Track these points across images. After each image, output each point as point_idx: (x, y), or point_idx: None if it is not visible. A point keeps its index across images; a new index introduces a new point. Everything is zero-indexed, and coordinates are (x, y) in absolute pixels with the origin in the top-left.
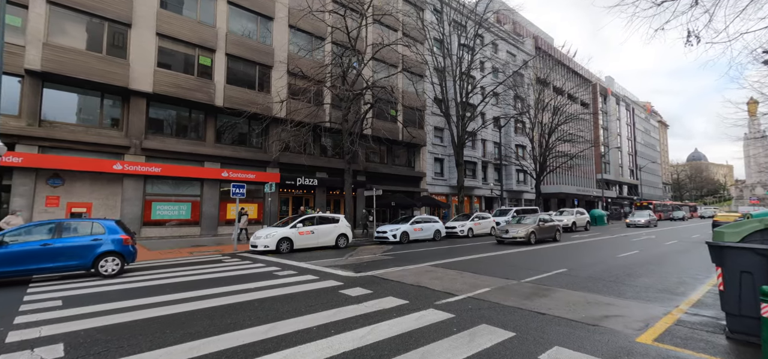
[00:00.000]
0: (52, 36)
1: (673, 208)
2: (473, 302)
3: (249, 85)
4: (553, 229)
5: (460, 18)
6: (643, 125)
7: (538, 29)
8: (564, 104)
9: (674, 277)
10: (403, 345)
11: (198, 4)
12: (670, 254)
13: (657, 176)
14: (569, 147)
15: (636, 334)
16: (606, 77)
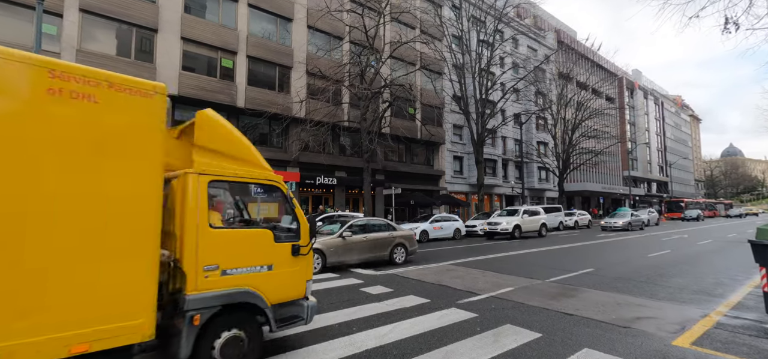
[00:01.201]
0: (85, 43)
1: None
2: (496, 301)
3: (269, 86)
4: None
5: (479, 14)
6: (673, 120)
7: (560, 22)
8: (588, 99)
9: (710, 278)
10: (426, 344)
11: (220, 7)
12: (704, 254)
13: (689, 173)
14: (594, 143)
15: (671, 337)
16: (633, 70)
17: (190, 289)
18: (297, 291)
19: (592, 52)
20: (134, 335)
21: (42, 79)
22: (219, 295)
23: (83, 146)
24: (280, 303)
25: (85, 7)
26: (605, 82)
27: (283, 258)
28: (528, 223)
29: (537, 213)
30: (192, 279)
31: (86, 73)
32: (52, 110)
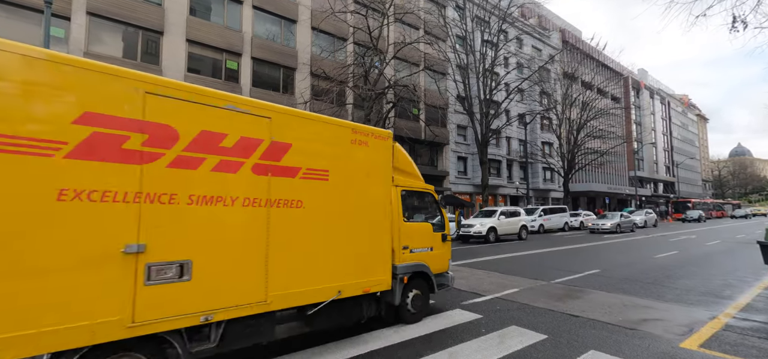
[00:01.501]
0: (92, 45)
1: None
2: (502, 302)
3: (273, 88)
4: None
5: (483, 14)
6: (679, 119)
7: (565, 22)
8: (593, 99)
9: (718, 279)
10: (431, 345)
11: (225, 9)
12: (713, 255)
13: (696, 173)
14: (599, 144)
15: (679, 339)
16: (638, 70)
17: (398, 261)
18: (445, 266)
19: (597, 51)
20: (383, 285)
21: (349, 135)
22: (410, 265)
23: (364, 170)
24: (437, 273)
25: (92, 10)
26: (611, 82)
27: (438, 243)
28: (505, 225)
29: (516, 214)
30: (398, 254)
31: (365, 130)
32: (353, 152)
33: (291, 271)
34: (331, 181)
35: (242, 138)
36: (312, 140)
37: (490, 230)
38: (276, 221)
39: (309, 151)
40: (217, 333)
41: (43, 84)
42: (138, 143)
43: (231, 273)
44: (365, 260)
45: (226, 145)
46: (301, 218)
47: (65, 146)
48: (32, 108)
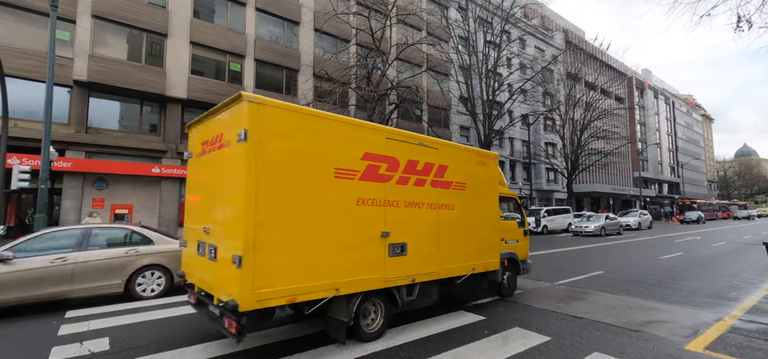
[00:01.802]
0: (97, 48)
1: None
2: (505, 304)
3: (277, 89)
4: None
5: (486, 15)
6: (684, 120)
7: (568, 22)
8: (597, 100)
9: (724, 281)
10: (434, 347)
11: (228, 12)
12: (718, 256)
13: (701, 174)
14: (603, 144)
15: (684, 341)
16: (643, 70)
17: (503, 252)
18: (526, 254)
19: (600, 52)
20: (496, 266)
21: (476, 158)
22: (506, 253)
23: (484, 182)
24: (521, 260)
25: (97, 13)
26: (614, 82)
27: (521, 236)
28: None
29: None
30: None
31: (485, 153)
32: (478, 169)
33: (448, 253)
34: (467, 190)
35: (426, 163)
36: (458, 162)
37: None
38: (440, 218)
39: (456, 170)
40: (415, 292)
41: (352, 138)
42: (384, 169)
43: (423, 252)
44: (486, 248)
45: (419, 168)
46: (452, 217)
47: (358, 173)
48: (348, 153)
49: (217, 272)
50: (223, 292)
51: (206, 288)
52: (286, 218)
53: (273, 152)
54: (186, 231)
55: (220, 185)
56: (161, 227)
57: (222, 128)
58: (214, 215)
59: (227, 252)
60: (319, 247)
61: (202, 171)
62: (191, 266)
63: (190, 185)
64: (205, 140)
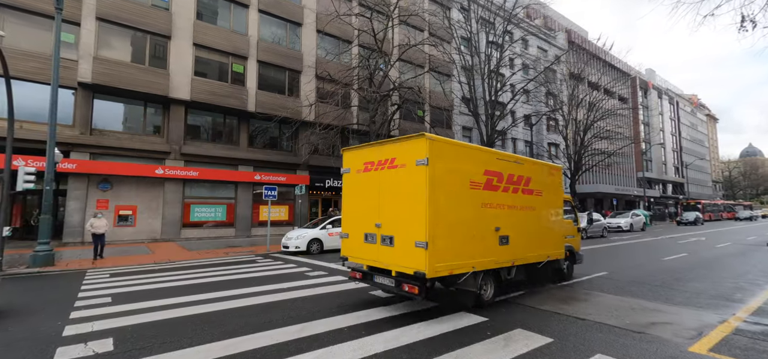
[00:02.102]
0: (101, 50)
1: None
2: (507, 305)
3: (279, 91)
4: None
5: (488, 15)
6: (688, 120)
7: (571, 22)
8: (600, 100)
9: (729, 282)
10: (436, 349)
11: (231, 13)
12: (723, 257)
13: (706, 174)
14: (607, 144)
15: (688, 343)
16: (646, 70)
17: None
18: (579, 247)
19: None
20: (562, 255)
21: (548, 170)
22: (567, 246)
23: (553, 189)
24: (576, 252)
25: (101, 15)
26: (618, 82)
27: (575, 232)
28: None
29: None
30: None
31: (553, 166)
32: (549, 179)
33: (533, 244)
34: (543, 196)
35: (519, 176)
36: (537, 174)
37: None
38: (528, 217)
39: (536, 180)
40: (512, 272)
41: (478, 159)
42: (495, 181)
43: (519, 242)
44: (556, 241)
45: (514, 179)
46: (535, 216)
47: (482, 184)
48: (472, 170)
49: (397, 254)
50: (407, 267)
51: (380, 265)
52: (446, 216)
53: (439, 171)
54: (347, 226)
55: (396, 192)
56: (165, 227)
57: (394, 153)
58: (388, 214)
59: (409, 240)
60: (462, 237)
61: (367, 183)
62: (358, 250)
63: (353, 192)
64: (369, 161)
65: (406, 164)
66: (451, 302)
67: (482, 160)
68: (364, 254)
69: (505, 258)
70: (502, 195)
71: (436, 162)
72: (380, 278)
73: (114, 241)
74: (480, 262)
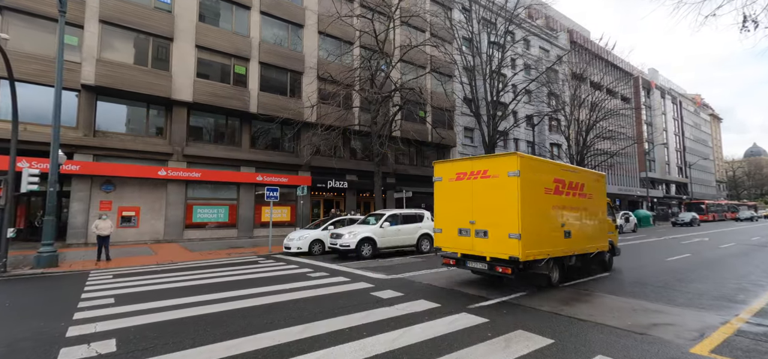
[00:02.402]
0: (105, 52)
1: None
2: (508, 306)
3: (281, 92)
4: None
5: (490, 16)
6: (692, 119)
7: (573, 22)
8: (602, 100)
9: (732, 283)
10: (436, 350)
11: (233, 15)
12: (727, 258)
13: (710, 174)
14: (609, 145)
15: (689, 344)
16: (649, 69)
17: (608, 239)
18: (616, 242)
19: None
20: (606, 248)
21: (595, 177)
22: (609, 240)
23: (599, 192)
24: (614, 246)
25: (104, 18)
26: (620, 82)
27: (614, 229)
28: (391, 236)
29: (415, 219)
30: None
31: (598, 174)
32: (595, 184)
33: (587, 238)
34: (592, 199)
35: (576, 182)
36: (588, 180)
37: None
38: (582, 216)
39: (588, 186)
40: (572, 261)
41: (548, 170)
42: (560, 186)
43: (577, 236)
44: (602, 236)
45: (573, 185)
46: (587, 215)
47: (552, 189)
48: (546, 179)
49: (491, 244)
50: (501, 253)
51: (474, 253)
52: (531, 215)
53: (526, 180)
54: (441, 223)
55: (490, 196)
56: (168, 229)
57: (487, 166)
58: (481, 212)
59: (503, 233)
60: (540, 231)
61: (459, 189)
62: (451, 242)
63: (445, 197)
64: (462, 171)
65: (499, 174)
66: (452, 303)
67: (552, 170)
68: (458, 244)
69: (568, 249)
70: (565, 198)
71: (524, 173)
72: (473, 263)
73: (117, 242)
74: (551, 251)
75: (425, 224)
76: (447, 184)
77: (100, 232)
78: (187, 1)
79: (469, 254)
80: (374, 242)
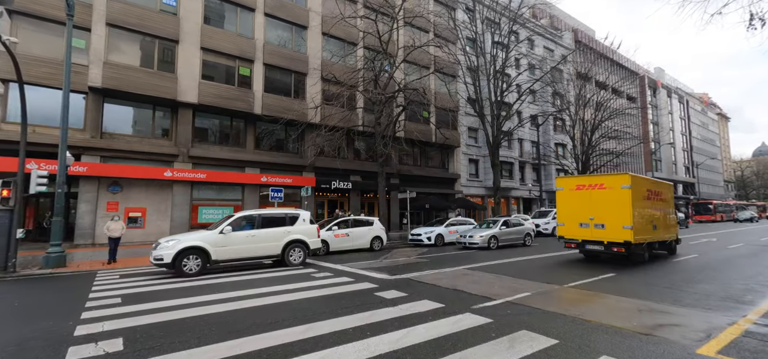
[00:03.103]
0: (111, 55)
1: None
2: (512, 307)
3: (285, 93)
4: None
5: (494, 15)
6: (699, 119)
7: (578, 22)
8: (608, 99)
9: (740, 284)
10: (440, 349)
11: (237, 17)
12: (735, 259)
13: (717, 174)
14: (615, 144)
15: (696, 345)
16: (655, 69)
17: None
18: (678, 234)
19: (611, 51)
20: (675, 237)
21: (669, 186)
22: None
23: (670, 196)
24: (673, 240)
25: (111, 21)
26: (626, 82)
27: (677, 224)
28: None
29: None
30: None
31: (668, 183)
32: (668, 192)
33: (663, 229)
34: (667, 202)
35: (657, 190)
36: (663, 189)
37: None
38: (662, 215)
39: (663, 193)
40: (655, 246)
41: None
42: (650, 194)
43: (659, 228)
44: (673, 228)
45: (655, 193)
46: (663, 214)
47: (645, 196)
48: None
49: (607, 233)
50: (617, 238)
51: (593, 239)
52: (636, 212)
53: (634, 190)
54: (563, 219)
55: (606, 201)
56: (174, 229)
57: (602, 181)
58: (599, 211)
59: (618, 225)
60: (641, 224)
61: (579, 196)
62: (573, 232)
63: (567, 202)
64: (581, 184)
65: (614, 186)
66: (456, 303)
67: (646, 184)
68: (579, 234)
69: (655, 237)
70: (653, 203)
71: (633, 186)
72: (591, 246)
73: (124, 243)
74: (647, 238)
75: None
76: (568, 193)
77: (112, 234)
78: (192, 4)
79: (588, 240)
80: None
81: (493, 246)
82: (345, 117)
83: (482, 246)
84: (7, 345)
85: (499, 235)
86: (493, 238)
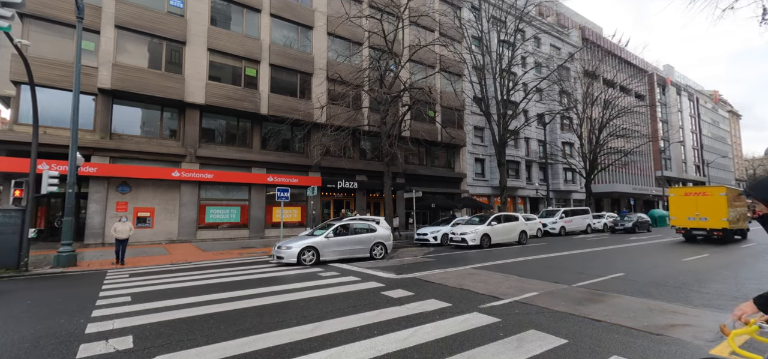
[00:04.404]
0: (120, 57)
1: None
2: (520, 306)
3: (291, 93)
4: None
5: (500, 14)
6: (709, 116)
7: (585, 19)
8: (616, 97)
9: (752, 283)
10: (448, 349)
11: (244, 18)
12: (746, 259)
13: (729, 172)
14: (623, 143)
15: (708, 345)
16: (664, 66)
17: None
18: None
19: (619, 48)
20: (745, 227)
21: (737, 191)
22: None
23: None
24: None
25: (120, 23)
26: (634, 79)
27: (745, 218)
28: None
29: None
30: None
31: (739, 192)
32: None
33: (738, 221)
34: (740, 203)
35: (734, 196)
36: (739, 197)
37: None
38: (737, 211)
39: (739, 199)
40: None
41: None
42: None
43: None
44: (743, 220)
45: (733, 199)
46: (738, 211)
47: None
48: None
49: (710, 223)
50: (717, 226)
51: (698, 227)
52: (729, 210)
53: (727, 197)
54: (675, 213)
55: (707, 202)
56: (181, 229)
57: (705, 190)
58: (702, 209)
59: (718, 217)
60: (731, 217)
61: (687, 199)
62: (682, 223)
63: (678, 204)
64: (688, 192)
65: (713, 194)
66: (463, 302)
67: (732, 193)
68: (687, 224)
69: (736, 226)
70: (733, 203)
71: (727, 194)
72: (697, 232)
73: (133, 242)
74: (732, 227)
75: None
76: (678, 197)
77: (119, 235)
78: (199, 5)
79: (695, 228)
80: None
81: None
82: (350, 117)
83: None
84: (23, 342)
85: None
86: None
